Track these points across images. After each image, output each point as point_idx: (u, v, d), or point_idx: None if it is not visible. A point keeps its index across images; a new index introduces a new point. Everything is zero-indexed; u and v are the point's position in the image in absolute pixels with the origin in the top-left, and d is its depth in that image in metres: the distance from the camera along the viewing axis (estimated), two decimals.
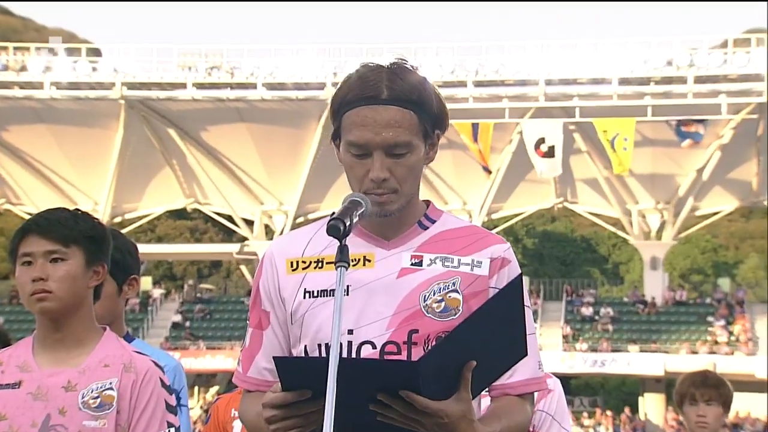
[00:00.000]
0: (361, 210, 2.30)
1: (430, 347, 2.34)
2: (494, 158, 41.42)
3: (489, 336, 2.27)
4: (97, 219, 2.99)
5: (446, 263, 2.42)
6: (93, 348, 2.92)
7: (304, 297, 2.43)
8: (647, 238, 44.50)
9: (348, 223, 2.24)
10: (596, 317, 42.72)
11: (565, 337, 41.39)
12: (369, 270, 2.40)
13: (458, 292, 2.40)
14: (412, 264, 2.41)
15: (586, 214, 47.10)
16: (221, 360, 39.24)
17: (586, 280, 52.24)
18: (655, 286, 43.58)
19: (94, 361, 2.90)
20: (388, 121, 2.35)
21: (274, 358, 2.24)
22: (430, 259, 2.42)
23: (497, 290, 2.40)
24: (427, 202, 2.52)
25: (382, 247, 2.43)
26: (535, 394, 2.51)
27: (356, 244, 2.34)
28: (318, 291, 2.42)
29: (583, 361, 39.16)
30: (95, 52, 47.63)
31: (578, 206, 46.16)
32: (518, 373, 2.43)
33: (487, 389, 2.43)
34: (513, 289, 2.32)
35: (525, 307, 2.37)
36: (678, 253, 60.72)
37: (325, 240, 2.40)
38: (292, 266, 2.46)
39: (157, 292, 45.76)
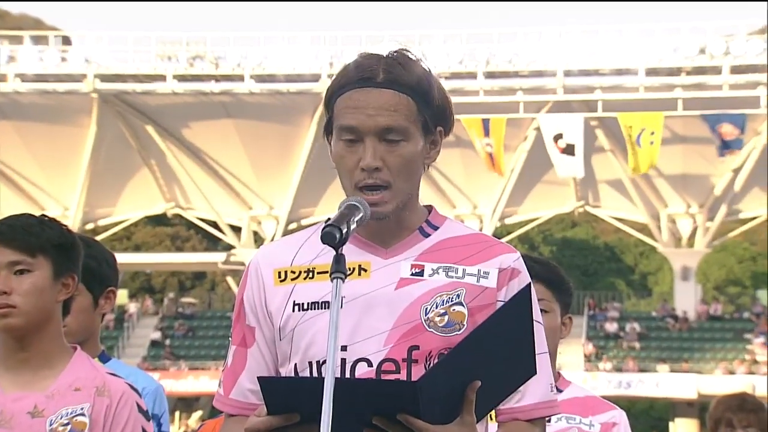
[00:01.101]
0: (360, 216, 2.31)
1: (431, 365, 2.35)
2: (508, 157, 41.44)
3: (495, 353, 2.29)
4: (65, 226, 3.00)
5: (450, 273, 2.42)
6: (62, 369, 2.92)
7: (293, 310, 2.43)
8: (678, 246, 44.49)
9: (345, 231, 2.25)
10: (621, 334, 42.71)
11: (587, 355, 41.37)
12: (364, 280, 2.41)
13: (463, 305, 2.40)
14: (412, 274, 2.42)
15: (610, 220, 47.11)
16: (205, 382, 39.23)
17: (610, 293, 52.21)
18: (687, 299, 43.57)
19: (63, 384, 2.90)
20: (382, 104, 2.38)
21: (258, 378, 2.26)
22: (432, 269, 2.42)
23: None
24: (429, 207, 2.53)
25: (379, 255, 2.44)
26: (547, 418, 2.52)
27: (350, 252, 2.35)
28: (308, 303, 2.42)
29: (607, 383, 39.13)
30: (64, 41, 47.69)
31: (601, 210, 46.16)
32: (528, 396, 2.44)
33: (493, 412, 2.44)
34: (521, 300, 2.34)
35: (535, 322, 2.39)
36: (712, 263, 60.70)
37: (317, 248, 2.42)
38: (279, 277, 2.47)
39: (134, 307, 45.76)
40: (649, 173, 41.49)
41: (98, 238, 42.14)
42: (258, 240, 45.54)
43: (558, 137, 39.62)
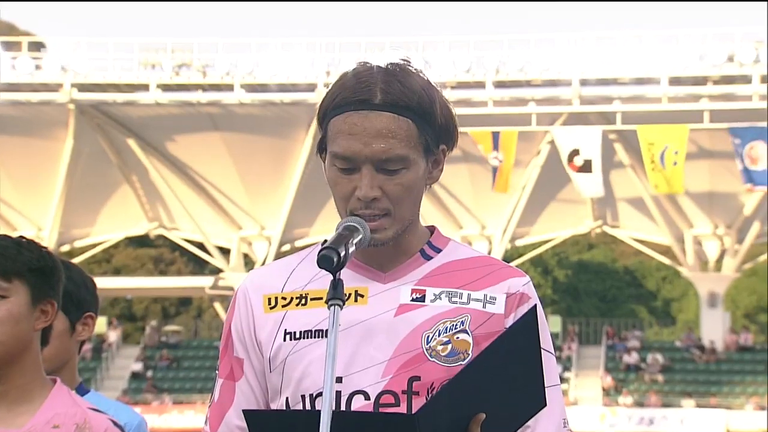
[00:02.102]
0: (359, 238, 2.33)
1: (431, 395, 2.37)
2: (519, 174, 41.45)
3: (500, 383, 2.30)
4: (45, 248, 3.01)
5: (453, 299, 2.44)
6: (40, 404, 2.90)
7: (285, 339, 2.45)
8: (704, 270, 44.44)
9: (343, 254, 2.26)
10: (643, 365, 42.66)
11: (605, 389, 41.31)
12: (361, 307, 2.43)
13: (468, 333, 2.42)
14: (412, 299, 2.44)
15: (630, 241, 47.08)
16: (190, 417, 39.20)
17: (631, 321, 52.19)
18: (714, 328, 43.52)
19: (41, 421, 2.88)
20: (380, 130, 2.39)
21: (243, 411, 2.28)
22: (435, 294, 2.44)
23: None
24: (432, 228, 2.55)
25: (377, 280, 2.46)
26: None
27: (346, 277, 2.35)
28: (301, 332, 2.44)
29: (627, 419, 39.08)
30: (39, 47, 47.77)
31: (620, 231, 46.15)
32: (539, 431, 2.44)
33: None
34: (526, 325, 2.36)
35: (544, 350, 2.40)
36: (742, 288, 60.66)
37: (310, 272, 2.45)
38: (269, 303, 2.48)
39: (114, 336, 45.73)
40: None
41: (75, 260, 42.30)
42: (248, 263, 45.52)
43: (574, 153, 39.54)
